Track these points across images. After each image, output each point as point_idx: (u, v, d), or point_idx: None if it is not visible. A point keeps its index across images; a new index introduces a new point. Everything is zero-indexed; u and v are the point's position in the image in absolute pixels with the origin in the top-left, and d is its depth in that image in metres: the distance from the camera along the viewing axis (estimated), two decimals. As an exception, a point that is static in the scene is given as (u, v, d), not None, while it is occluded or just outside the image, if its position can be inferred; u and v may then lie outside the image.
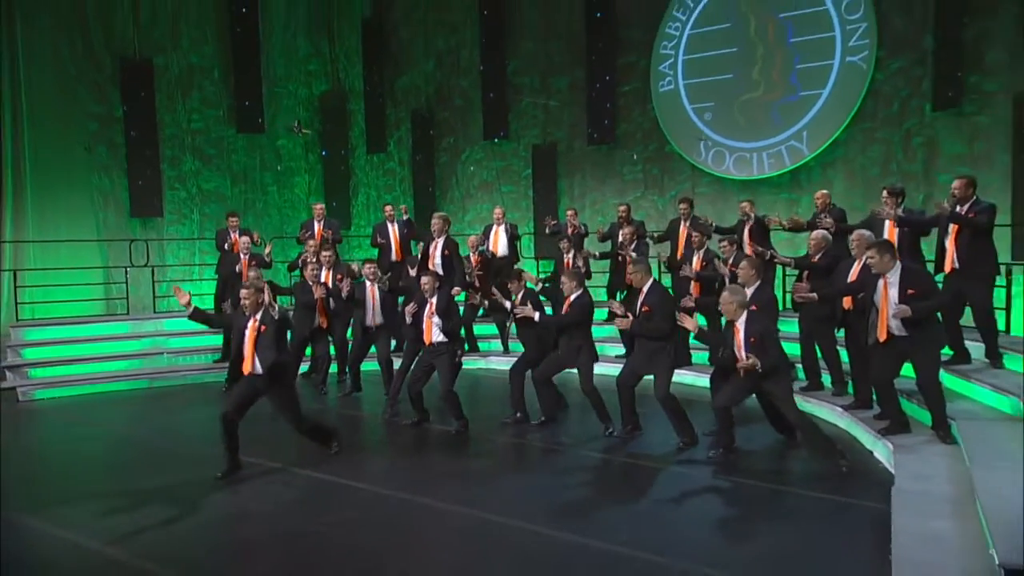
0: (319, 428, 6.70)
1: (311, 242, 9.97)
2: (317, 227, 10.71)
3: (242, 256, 10.15)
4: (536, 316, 7.24)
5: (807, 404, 7.28)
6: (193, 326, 10.80)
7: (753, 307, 6.20)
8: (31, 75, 11.27)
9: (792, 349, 7.21)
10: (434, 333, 7.35)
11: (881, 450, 6.11)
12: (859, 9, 10.49)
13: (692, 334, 6.77)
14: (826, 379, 7.65)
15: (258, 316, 6.20)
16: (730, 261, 7.96)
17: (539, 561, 4.60)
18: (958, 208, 6.81)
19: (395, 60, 14.31)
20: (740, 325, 6.00)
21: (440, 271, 9.28)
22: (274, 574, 4.58)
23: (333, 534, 5.06)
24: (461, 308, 8.35)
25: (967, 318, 6.99)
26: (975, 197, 6.83)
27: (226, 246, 10.60)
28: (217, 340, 10.47)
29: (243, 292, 6.23)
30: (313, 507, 5.60)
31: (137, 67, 12.10)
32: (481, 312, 9.04)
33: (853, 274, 6.57)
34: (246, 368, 6.26)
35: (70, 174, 11.74)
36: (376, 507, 5.58)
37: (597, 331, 7.76)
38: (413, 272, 9.48)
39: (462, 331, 8.36)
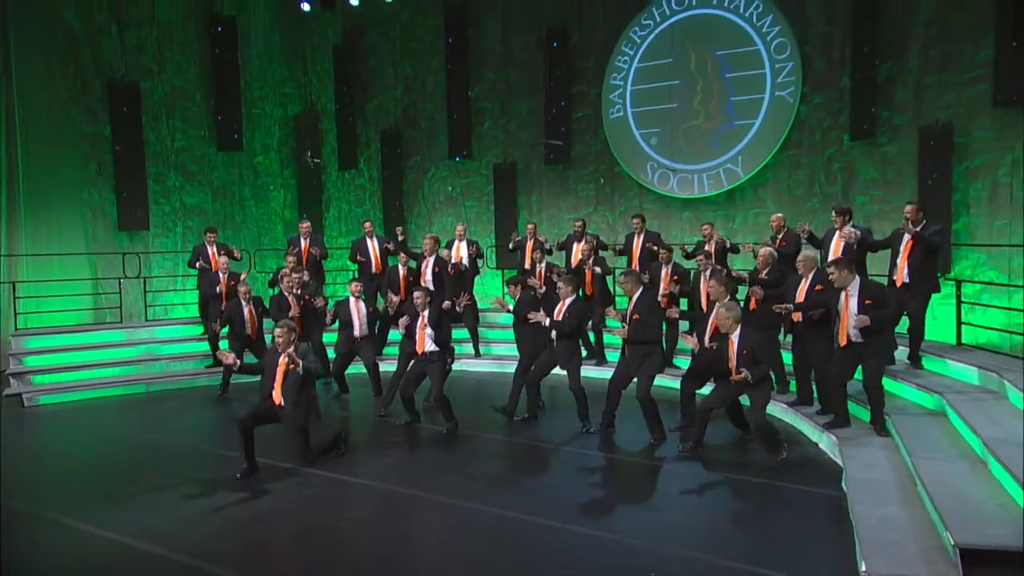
0: (324, 450, 7.06)
1: (290, 258, 10.45)
2: (304, 244, 11.19)
3: (221, 275, 10.57)
4: (546, 321, 7.71)
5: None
6: (183, 333, 11.40)
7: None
8: (25, 98, 11.46)
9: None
10: (427, 343, 7.92)
11: (825, 442, 6.87)
12: (786, 50, 11.46)
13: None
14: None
15: (288, 352, 6.71)
16: (707, 274, 8.52)
17: (549, 551, 5.04)
18: (911, 228, 7.59)
19: (365, 85, 14.84)
20: (734, 338, 6.55)
21: (431, 287, 9.79)
22: (309, 567, 4.96)
23: (355, 530, 5.50)
24: None
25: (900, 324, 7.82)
26: (924, 220, 7.71)
27: (199, 264, 10.97)
28: (206, 347, 10.91)
29: (276, 331, 6.72)
30: (331, 505, 6.00)
31: (125, 90, 12.39)
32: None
33: (801, 292, 7.23)
34: (276, 399, 6.73)
35: (61, 190, 11.95)
36: (389, 503, 6.05)
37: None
38: (393, 296, 10.01)
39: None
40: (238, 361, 6.78)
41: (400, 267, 10.58)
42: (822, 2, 11.21)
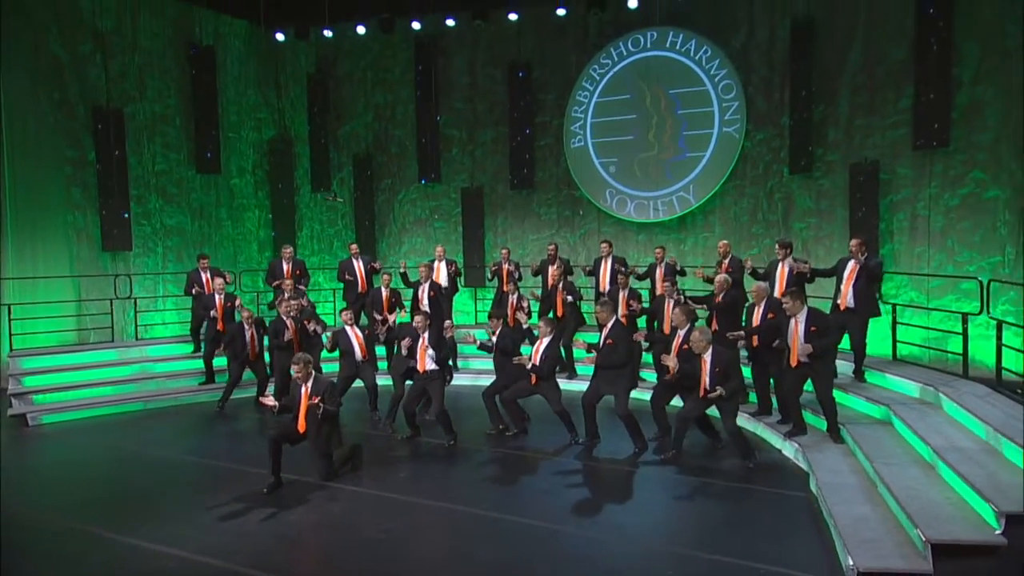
0: (341, 464, 7.33)
1: (288, 282, 10.63)
2: (286, 267, 11.35)
3: (217, 297, 10.67)
4: (529, 366, 8.09)
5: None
6: (173, 352, 11.42)
7: (685, 346, 7.50)
8: (12, 123, 11.27)
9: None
10: (427, 362, 8.28)
11: (788, 449, 7.51)
12: (732, 91, 12.23)
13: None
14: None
15: (309, 384, 6.95)
16: (671, 300, 9.10)
17: (569, 557, 5.46)
18: (853, 261, 8.38)
19: (337, 111, 15.00)
20: (707, 357, 7.10)
21: (428, 310, 10.09)
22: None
23: (397, 540, 5.79)
24: None
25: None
26: (867, 252, 8.47)
27: (194, 290, 11.05)
28: (199, 364, 10.98)
29: (294, 367, 6.96)
30: (366, 517, 6.28)
31: (108, 115, 12.29)
32: None
33: (755, 318, 7.92)
34: (300, 427, 6.97)
35: (46, 212, 11.77)
36: (417, 514, 6.37)
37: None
38: (377, 315, 10.28)
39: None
40: (277, 404, 7.02)
41: (383, 288, 10.89)
42: (763, 50, 12.02)
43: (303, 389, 7.02)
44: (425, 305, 10.44)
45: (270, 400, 7.07)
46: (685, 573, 5.16)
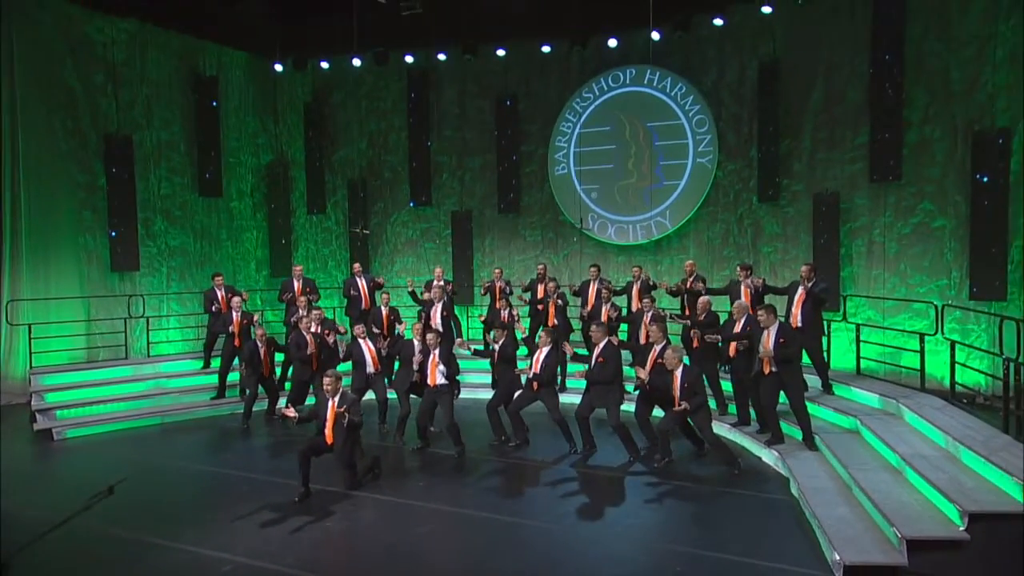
0: (363, 474, 7.68)
1: (301, 299, 10.96)
2: (296, 285, 11.67)
3: (234, 314, 10.94)
4: (530, 374, 8.55)
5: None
6: (185, 368, 11.62)
7: (660, 361, 8.03)
8: (29, 150, 11.39)
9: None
10: (438, 377, 8.68)
11: (767, 456, 8.06)
12: (705, 125, 12.89)
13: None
14: (712, 403, 9.64)
15: (336, 399, 7.31)
16: (648, 316, 9.71)
17: (576, 555, 5.93)
18: (802, 288, 9.03)
19: (332, 138, 15.33)
20: (678, 373, 7.69)
21: (441, 328, 10.45)
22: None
23: (421, 544, 6.19)
24: None
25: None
26: (815, 278, 9.12)
27: (214, 307, 11.32)
28: (213, 379, 11.21)
29: (326, 380, 7.31)
30: (397, 523, 6.65)
31: (118, 142, 12.47)
32: None
33: (736, 329, 8.56)
34: (328, 439, 7.30)
35: (59, 235, 11.90)
36: (437, 519, 6.77)
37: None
38: (376, 330, 10.61)
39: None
40: (298, 415, 7.36)
41: (383, 307, 11.26)
42: (733, 88, 12.71)
43: (331, 402, 7.37)
44: (437, 323, 10.79)
45: (291, 411, 7.37)
46: (688, 569, 5.65)
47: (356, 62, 14.58)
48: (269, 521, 6.74)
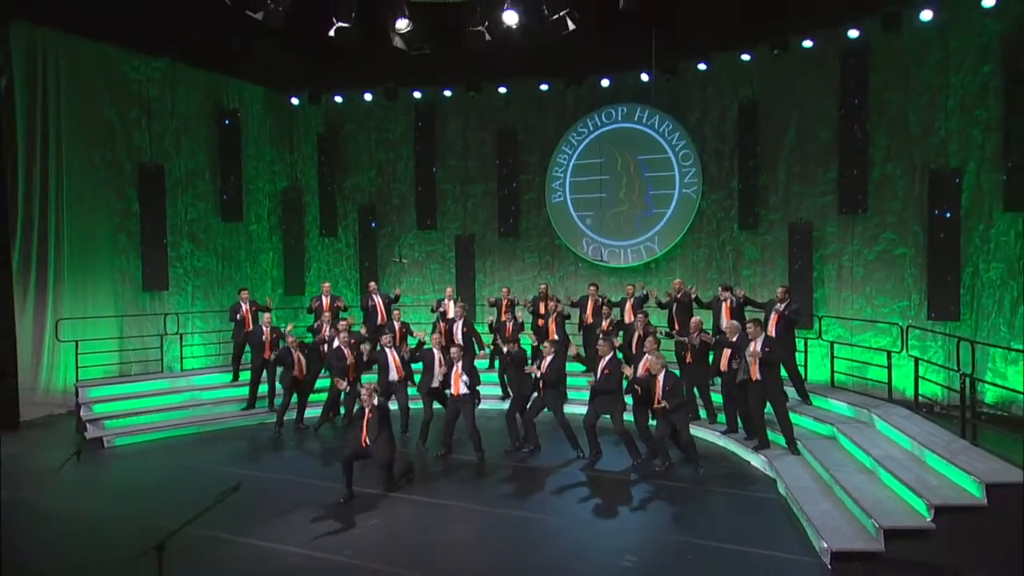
0: (399, 476, 8.25)
1: (326, 314, 11.52)
2: (325, 301, 12.24)
3: (264, 329, 11.46)
4: (538, 373, 9.24)
5: (697, 429, 9.79)
6: (216, 381, 12.10)
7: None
8: (71, 180, 11.84)
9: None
10: (461, 387, 9.29)
11: (754, 459, 8.77)
12: (690, 159, 13.71)
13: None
14: (703, 413, 10.37)
15: (370, 407, 7.90)
16: (642, 330, 10.41)
17: (590, 546, 6.58)
18: (778, 306, 9.82)
19: (344, 166, 15.90)
20: (660, 378, 8.42)
21: (462, 343, 10.88)
22: (478, 567, 6.26)
23: (460, 537, 6.78)
24: None
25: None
26: (788, 299, 9.90)
27: (238, 316, 11.89)
28: (242, 391, 11.70)
29: (362, 391, 7.93)
30: (437, 521, 7.22)
31: (151, 172, 12.97)
32: None
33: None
34: (364, 442, 7.89)
35: (96, 258, 12.35)
36: (470, 517, 7.36)
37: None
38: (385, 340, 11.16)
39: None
40: (346, 383, 8.87)
41: (395, 322, 11.86)
42: (715, 126, 13.55)
43: (367, 409, 7.96)
44: (459, 339, 11.34)
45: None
46: (693, 559, 6.31)
47: (367, 97, 15.31)
48: (319, 518, 7.29)
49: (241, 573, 6.15)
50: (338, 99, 15.35)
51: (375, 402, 7.94)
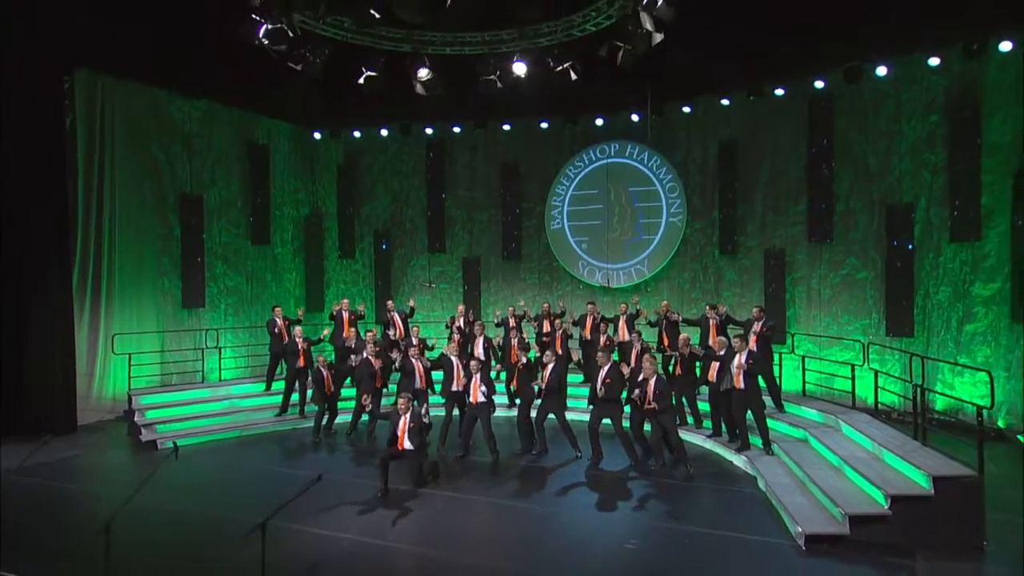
0: (427, 475, 8.92)
1: (351, 331, 12.24)
2: (345, 316, 12.92)
3: (298, 341, 12.14)
4: (542, 384, 9.94)
5: (685, 434, 10.47)
6: (252, 390, 12.73)
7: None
8: (122, 208, 12.54)
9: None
10: (479, 396, 10.03)
11: (737, 460, 9.54)
12: (676, 191, 14.61)
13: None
14: (690, 419, 11.16)
15: (408, 415, 8.61)
16: (637, 347, 11.20)
17: (598, 534, 7.35)
18: (756, 327, 10.66)
19: (361, 194, 16.66)
20: (652, 382, 9.11)
21: (483, 357, 11.53)
22: (504, 551, 6.93)
23: (486, 525, 7.47)
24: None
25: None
26: (764, 318, 10.76)
27: (276, 330, 12.59)
28: (278, 399, 12.36)
29: (400, 401, 8.66)
30: (463, 514, 7.86)
31: (191, 200, 13.69)
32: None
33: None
34: (400, 446, 8.59)
35: (142, 279, 13.03)
36: (493, 509, 8.01)
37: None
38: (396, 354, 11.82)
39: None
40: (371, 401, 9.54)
41: (414, 338, 12.58)
42: (698, 162, 14.46)
43: (403, 418, 8.68)
44: (480, 353, 12.04)
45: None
46: (687, 542, 7.08)
47: (383, 132, 16.13)
48: (363, 511, 7.94)
49: (309, 555, 6.82)
50: (356, 134, 16.16)
51: (412, 411, 8.65)
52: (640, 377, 9.43)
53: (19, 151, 10.83)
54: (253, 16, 9.84)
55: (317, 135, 16.09)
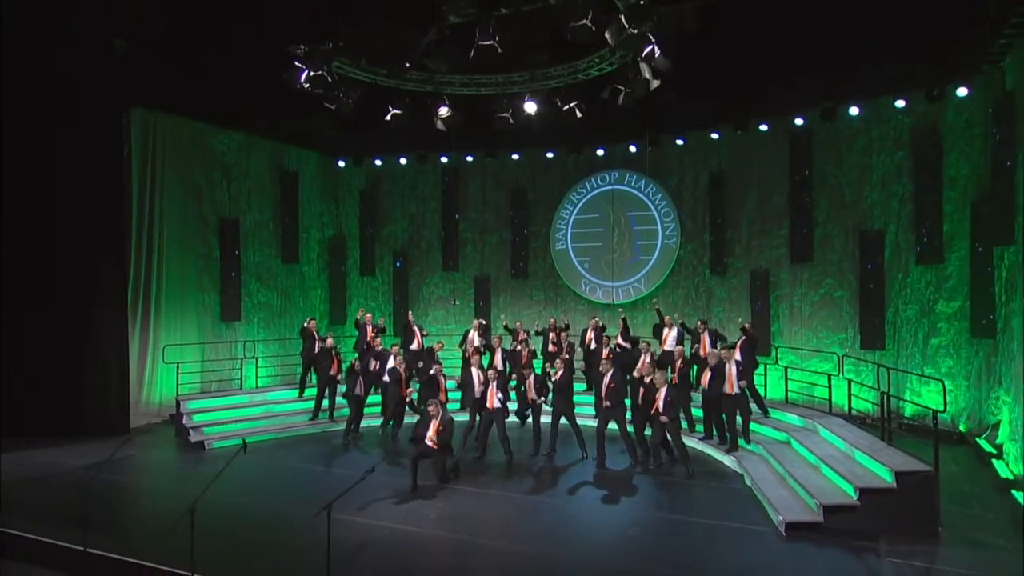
0: (451, 471, 9.64)
1: (377, 340, 12.98)
2: (368, 329, 13.66)
3: (334, 354, 12.87)
4: (556, 380, 10.73)
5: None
6: (285, 396, 13.45)
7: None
8: (169, 231, 13.36)
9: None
10: (495, 402, 10.78)
11: (727, 460, 10.29)
12: (670, 215, 15.44)
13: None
14: (684, 423, 11.87)
15: (438, 419, 9.41)
16: (646, 357, 11.92)
17: (605, 522, 8.19)
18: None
19: (380, 217, 17.47)
20: (662, 392, 9.86)
21: (500, 367, 12.22)
22: (524, 537, 7.68)
23: (508, 517, 8.17)
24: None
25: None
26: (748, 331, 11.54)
27: (316, 344, 13.26)
28: (309, 404, 13.09)
29: (431, 407, 9.37)
30: (488, 506, 8.55)
31: (229, 224, 14.50)
32: None
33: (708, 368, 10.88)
34: (431, 445, 9.29)
35: (185, 295, 13.82)
36: (513, 503, 8.72)
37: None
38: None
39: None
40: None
41: (434, 347, 13.33)
42: (690, 189, 15.29)
43: (434, 422, 9.42)
44: (499, 363, 12.75)
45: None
46: (680, 530, 7.83)
47: (402, 160, 16.96)
48: (396, 502, 8.66)
49: (356, 539, 7.54)
50: (377, 162, 17.01)
51: (442, 415, 9.41)
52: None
53: (83, 178, 11.78)
54: (296, 63, 10.66)
55: (341, 163, 16.94)
